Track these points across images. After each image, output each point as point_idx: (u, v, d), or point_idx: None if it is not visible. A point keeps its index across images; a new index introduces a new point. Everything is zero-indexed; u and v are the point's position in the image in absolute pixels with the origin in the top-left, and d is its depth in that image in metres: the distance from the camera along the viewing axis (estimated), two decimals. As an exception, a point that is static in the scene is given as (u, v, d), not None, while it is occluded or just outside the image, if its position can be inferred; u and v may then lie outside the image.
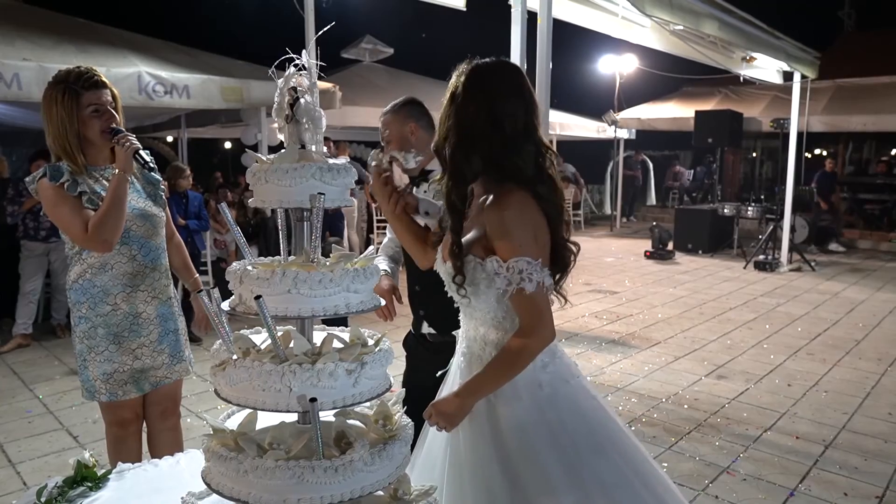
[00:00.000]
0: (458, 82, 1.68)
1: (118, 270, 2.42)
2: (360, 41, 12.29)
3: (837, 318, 7.06)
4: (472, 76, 1.68)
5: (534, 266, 1.58)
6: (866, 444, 3.92)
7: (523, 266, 1.57)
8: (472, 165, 1.65)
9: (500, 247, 1.60)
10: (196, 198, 6.26)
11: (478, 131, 1.64)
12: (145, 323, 2.48)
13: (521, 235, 1.60)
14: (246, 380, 1.35)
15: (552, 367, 1.72)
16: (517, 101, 1.68)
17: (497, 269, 1.59)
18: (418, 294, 2.50)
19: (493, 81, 1.70)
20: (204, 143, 17.91)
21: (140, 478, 1.93)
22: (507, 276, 1.58)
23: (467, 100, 1.66)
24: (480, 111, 1.65)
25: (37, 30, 5.88)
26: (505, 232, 1.59)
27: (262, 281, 1.37)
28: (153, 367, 2.50)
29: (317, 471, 1.29)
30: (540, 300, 1.60)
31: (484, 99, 1.66)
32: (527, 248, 1.59)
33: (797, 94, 10.14)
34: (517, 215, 1.60)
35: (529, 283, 1.57)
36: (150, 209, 2.52)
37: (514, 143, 1.65)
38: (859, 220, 13.56)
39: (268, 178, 1.44)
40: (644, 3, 5.92)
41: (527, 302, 1.59)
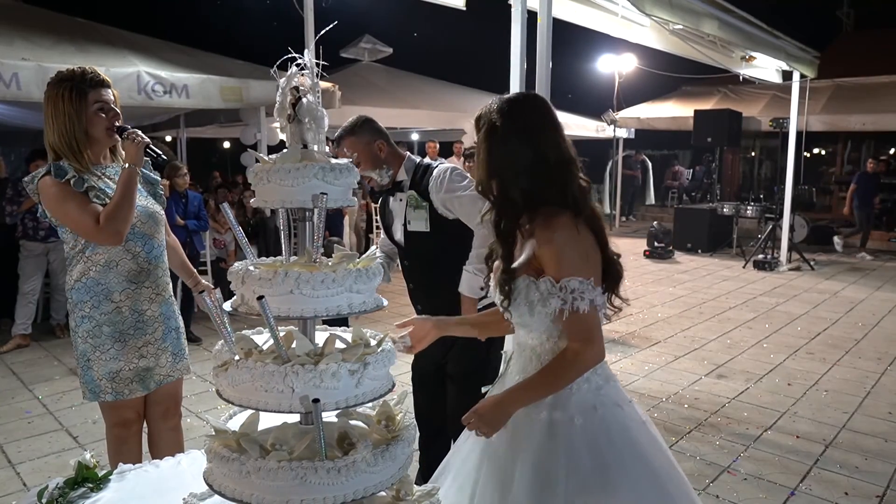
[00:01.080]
0: (493, 119, 1.72)
1: (123, 268, 2.42)
2: (359, 41, 12.29)
3: (837, 318, 7.06)
4: (509, 114, 1.72)
5: (586, 285, 1.61)
6: (867, 444, 3.92)
7: (575, 285, 1.60)
8: (522, 198, 1.69)
9: (551, 268, 1.63)
10: (195, 198, 6.25)
11: (523, 166, 1.69)
12: (150, 321, 2.48)
13: (572, 256, 1.63)
14: (248, 380, 1.35)
15: (606, 390, 1.74)
16: (554, 132, 1.74)
17: (550, 290, 1.62)
18: (413, 291, 2.80)
19: (530, 117, 1.75)
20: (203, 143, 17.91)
21: (141, 479, 1.93)
22: (561, 295, 1.61)
23: (508, 137, 1.71)
24: (524, 147, 1.70)
25: (35, 29, 5.88)
26: (556, 253, 1.63)
27: (265, 281, 1.37)
28: (157, 365, 2.50)
29: (319, 472, 1.28)
30: (591, 319, 1.63)
31: (525, 135, 1.71)
32: (578, 267, 1.63)
33: (796, 93, 10.15)
34: (567, 236, 1.64)
35: (582, 301, 1.60)
36: (152, 207, 2.54)
37: (558, 171, 1.70)
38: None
39: (270, 177, 1.43)
40: (644, 3, 5.91)
41: (579, 321, 1.62)
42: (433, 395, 2.91)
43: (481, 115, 1.77)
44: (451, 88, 12.85)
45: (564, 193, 1.69)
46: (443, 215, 2.64)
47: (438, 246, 2.67)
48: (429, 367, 2.87)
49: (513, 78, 4.92)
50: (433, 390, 2.91)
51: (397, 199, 2.74)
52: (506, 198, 1.71)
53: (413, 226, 2.66)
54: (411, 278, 2.78)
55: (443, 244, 2.66)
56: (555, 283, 1.62)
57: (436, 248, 2.68)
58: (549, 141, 1.71)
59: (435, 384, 2.90)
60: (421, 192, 2.67)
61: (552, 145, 1.71)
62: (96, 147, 2.43)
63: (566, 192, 1.69)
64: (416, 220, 2.65)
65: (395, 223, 2.78)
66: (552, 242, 1.63)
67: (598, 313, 1.65)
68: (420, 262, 2.73)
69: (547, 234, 1.64)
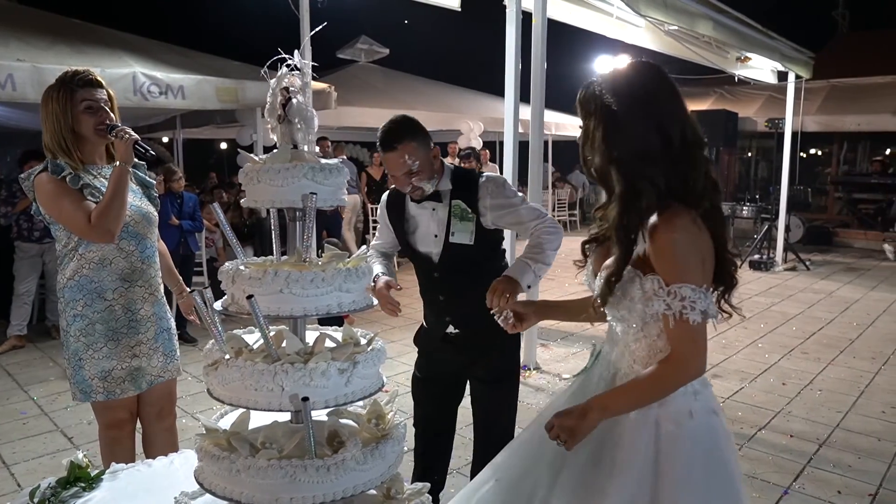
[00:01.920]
0: (605, 100, 1.51)
1: (116, 266, 2.44)
2: (355, 41, 12.30)
3: (832, 318, 7.08)
4: (624, 86, 1.51)
5: (698, 294, 1.46)
6: (860, 443, 3.94)
7: (687, 293, 1.45)
8: (652, 189, 1.49)
9: (663, 269, 1.49)
10: (191, 198, 6.25)
11: (650, 151, 1.49)
12: (143, 320, 2.50)
13: (689, 261, 1.48)
14: (238, 379, 1.35)
15: (702, 395, 1.61)
16: (678, 105, 1.53)
17: (657, 291, 1.49)
18: (442, 303, 2.52)
19: (649, 87, 1.52)
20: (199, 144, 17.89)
21: (133, 478, 1.94)
22: (668, 300, 1.47)
23: (629, 116, 1.49)
24: (648, 127, 1.49)
25: (31, 30, 5.87)
26: (672, 256, 1.48)
27: (255, 280, 1.37)
28: (150, 365, 2.51)
29: (309, 470, 1.29)
30: (700, 330, 1.48)
31: (647, 111, 1.50)
32: (693, 274, 1.48)
33: (791, 94, 10.17)
34: (687, 240, 1.48)
35: (693, 311, 1.45)
36: (146, 207, 2.57)
37: (685, 155, 1.51)
38: (853, 220, 13.62)
39: (260, 178, 1.44)
40: (638, 4, 5.93)
41: (686, 331, 1.47)
42: (444, 402, 2.70)
43: (588, 97, 1.55)
44: (448, 89, 12.87)
45: (687, 183, 1.50)
46: (486, 227, 2.46)
47: (480, 257, 2.50)
48: (446, 375, 2.64)
49: (507, 78, 4.94)
50: (447, 397, 2.70)
51: (426, 208, 2.48)
52: (633, 190, 1.50)
53: (456, 237, 2.44)
54: (442, 290, 2.53)
55: (484, 255, 2.51)
56: (664, 286, 1.48)
57: (476, 259, 2.49)
58: (674, 116, 1.51)
59: (450, 391, 2.70)
60: (469, 203, 2.43)
61: (677, 121, 1.50)
62: (88, 146, 2.44)
63: (689, 181, 1.50)
64: (462, 233, 2.44)
65: (420, 232, 2.52)
66: (671, 244, 1.47)
67: (706, 324, 1.49)
68: (458, 274, 2.48)
69: (667, 233, 1.47)
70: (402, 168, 2.30)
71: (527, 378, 5.11)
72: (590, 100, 1.54)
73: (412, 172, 2.31)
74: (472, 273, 2.45)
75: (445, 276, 2.50)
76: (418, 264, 2.58)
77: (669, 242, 1.47)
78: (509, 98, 4.94)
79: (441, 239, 2.46)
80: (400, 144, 2.28)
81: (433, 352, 2.60)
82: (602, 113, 1.51)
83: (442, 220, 2.45)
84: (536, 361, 5.37)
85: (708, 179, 1.52)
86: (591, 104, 1.53)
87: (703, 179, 1.51)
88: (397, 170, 2.31)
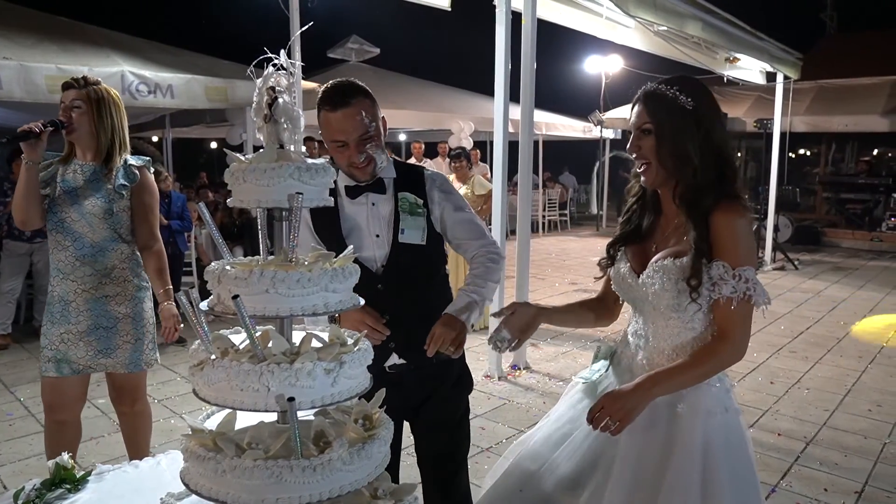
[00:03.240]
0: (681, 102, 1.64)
1: (55, 256, 2.65)
2: (346, 41, 12.30)
3: (819, 317, 7.14)
4: (699, 92, 1.67)
5: (755, 275, 1.59)
6: (847, 441, 3.97)
7: (750, 275, 1.57)
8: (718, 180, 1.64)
9: (728, 253, 1.58)
10: (179, 198, 6.23)
11: (725, 153, 1.67)
12: (74, 312, 2.64)
13: (749, 245, 1.61)
14: (224, 380, 1.35)
15: (732, 393, 1.71)
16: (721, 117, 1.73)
17: (723, 275, 1.57)
18: (388, 324, 1.94)
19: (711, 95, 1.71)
20: (189, 143, 17.82)
21: (120, 479, 1.92)
22: (734, 283, 1.56)
23: (710, 114, 1.66)
24: (721, 124, 1.69)
25: (18, 28, 5.82)
26: (736, 240, 1.58)
27: (240, 280, 1.37)
28: (76, 354, 2.65)
29: (295, 470, 1.29)
30: (751, 313, 1.60)
31: (717, 111, 1.70)
32: (752, 258, 1.61)
33: (780, 94, 10.25)
34: (746, 225, 1.60)
35: (755, 292, 1.56)
36: (96, 210, 2.62)
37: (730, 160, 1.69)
38: (841, 220, 13.73)
39: (246, 177, 1.43)
40: (628, 4, 5.96)
41: (746, 313, 1.58)
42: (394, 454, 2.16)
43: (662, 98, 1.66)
44: (438, 89, 12.89)
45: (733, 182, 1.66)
46: (434, 226, 2.09)
47: (430, 261, 2.12)
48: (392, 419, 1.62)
49: (497, 78, 4.95)
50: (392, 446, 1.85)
51: (362, 203, 2.05)
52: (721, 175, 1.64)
53: (407, 236, 2.02)
54: (387, 307, 1.97)
55: (435, 259, 2.15)
56: (730, 269, 1.56)
57: (427, 265, 2.11)
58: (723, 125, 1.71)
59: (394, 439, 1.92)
60: (417, 195, 2.07)
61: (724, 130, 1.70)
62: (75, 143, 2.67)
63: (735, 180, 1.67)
64: (413, 230, 2.03)
65: (357, 234, 2.05)
66: (735, 227, 1.58)
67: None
68: (406, 284, 2.04)
69: (730, 217, 1.59)
70: (356, 129, 1.91)
71: (517, 377, 5.12)
72: (664, 103, 1.65)
73: (368, 136, 1.93)
74: (422, 282, 2.08)
75: (391, 288, 2.02)
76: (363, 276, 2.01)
77: (735, 226, 1.58)
78: (499, 98, 4.95)
79: (386, 239, 2.03)
80: (354, 100, 1.91)
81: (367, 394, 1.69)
82: (683, 113, 1.63)
83: (385, 216, 2.04)
84: (526, 361, 5.38)
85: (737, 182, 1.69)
86: (667, 106, 1.65)
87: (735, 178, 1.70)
88: (351, 132, 1.91)
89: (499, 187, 5.05)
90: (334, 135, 1.94)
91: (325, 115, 1.94)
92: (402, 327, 1.98)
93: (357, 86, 1.95)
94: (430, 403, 2.11)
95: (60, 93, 2.63)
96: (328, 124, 1.94)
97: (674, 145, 1.64)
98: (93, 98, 2.60)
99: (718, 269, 1.58)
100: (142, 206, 2.72)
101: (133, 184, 2.69)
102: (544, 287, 8.40)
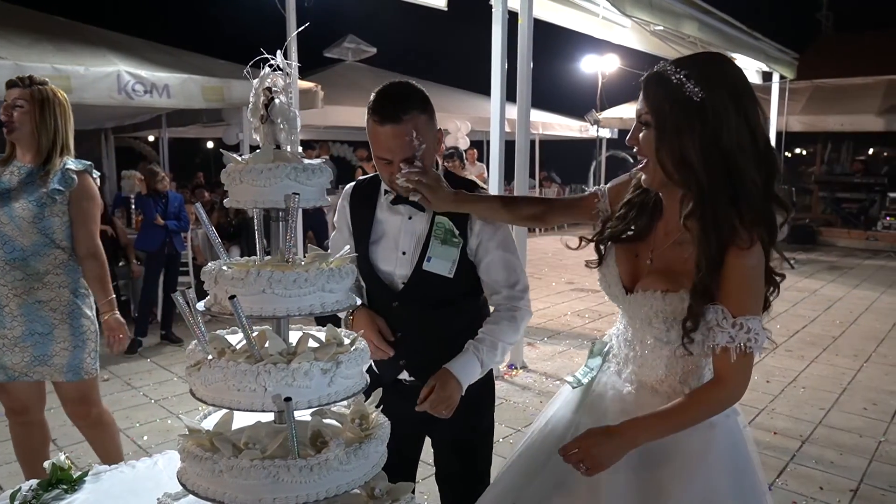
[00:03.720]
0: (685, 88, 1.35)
1: None
2: (342, 40, 12.30)
3: (815, 316, 7.16)
4: (715, 78, 1.36)
5: (759, 325, 1.39)
6: (842, 439, 3.99)
7: (754, 325, 1.38)
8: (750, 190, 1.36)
9: (731, 299, 1.38)
10: (176, 198, 6.22)
11: (748, 149, 1.36)
12: (8, 316, 2.59)
13: (757, 293, 1.40)
14: (221, 380, 1.35)
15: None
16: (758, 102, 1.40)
17: (720, 322, 1.38)
18: (398, 341, 1.90)
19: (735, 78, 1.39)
20: (186, 143, 17.79)
21: (116, 479, 1.92)
22: (732, 332, 1.37)
23: (723, 106, 1.34)
24: (741, 121, 1.35)
25: (13, 28, 5.81)
26: (745, 286, 1.38)
27: (237, 281, 1.37)
28: (11, 360, 2.60)
29: (292, 470, 1.29)
30: (752, 359, 1.42)
31: (738, 103, 1.36)
32: (758, 306, 1.41)
33: (776, 94, 10.28)
34: (760, 269, 1.39)
35: (756, 344, 1.38)
36: (25, 213, 2.56)
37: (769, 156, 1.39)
38: (836, 219, 13.78)
39: (242, 178, 1.43)
40: (624, 4, 5.97)
41: (746, 362, 1.41)
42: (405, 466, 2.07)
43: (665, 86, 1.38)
44: (435, 88, 12.85)
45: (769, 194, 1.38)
46: (469, 257, 1.90)
47: (457, 293, 1.91)
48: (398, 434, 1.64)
49: (494, 78, 4.95)
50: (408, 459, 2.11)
51: (401, 212, 1.90)
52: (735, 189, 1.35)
53: (433, 265, 1.85)
54: (400, 325, 1.91)
55: (462, 291, 1.93)
56: (729, 317, 1.38)
57: (451, 296, 1.91)
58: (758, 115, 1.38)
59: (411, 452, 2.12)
60: (457, 223, 1.87)
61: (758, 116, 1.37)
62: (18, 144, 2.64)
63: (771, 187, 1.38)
64: (441, 260, 1.85)
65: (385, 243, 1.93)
66: (746, 272, 1.36)
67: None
68: (425, 309, 1.90)
69: (743, 260, 1.35)
70: (404, 151, 1.74)
71: (514, 377, 5.13)
72: (667, 91, 1.38)
73: (414, 158, 1.75)
74: (444, 310, 1.90)
75: (408, 308, 1.90)
76: (371, 287, 1.96)
77: (746, 272, 1.37)
78: (495, 98, 4.96)
79: (410, 259, 1.88)
80: (407, 116, 1.72)
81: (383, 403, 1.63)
82: (688, 105, 1.35)
83: (418, 235, 1.88)
84: (523, 360, 5.39)
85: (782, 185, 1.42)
86: (671, 95, 1.38)
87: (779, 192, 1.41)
88: (397, 152, 1.74)
89: (495, 187, 5.06)
90: (380, 150, 1.78)
91: (372, 124, 1.77)
92: (413, 347, 1.91)
93: (413, 96, 1.77)
94: (445, 422, 1.83)
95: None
96: (375, 136, 1.78)
97: (671, 145, 1.39)
98: (36, 98, 2.55)
99: (716, 314, 1.40)
100: (80, 212, 2.62)
101: (69, 189, 2.58)
102: (541, 286, 8.41)
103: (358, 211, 1.98)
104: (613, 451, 1.42)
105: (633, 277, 1.59)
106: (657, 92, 1.41)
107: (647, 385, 1.58)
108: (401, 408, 1.68)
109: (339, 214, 2.05)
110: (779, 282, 1.50)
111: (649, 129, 1.43)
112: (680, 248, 1.48)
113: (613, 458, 1.42)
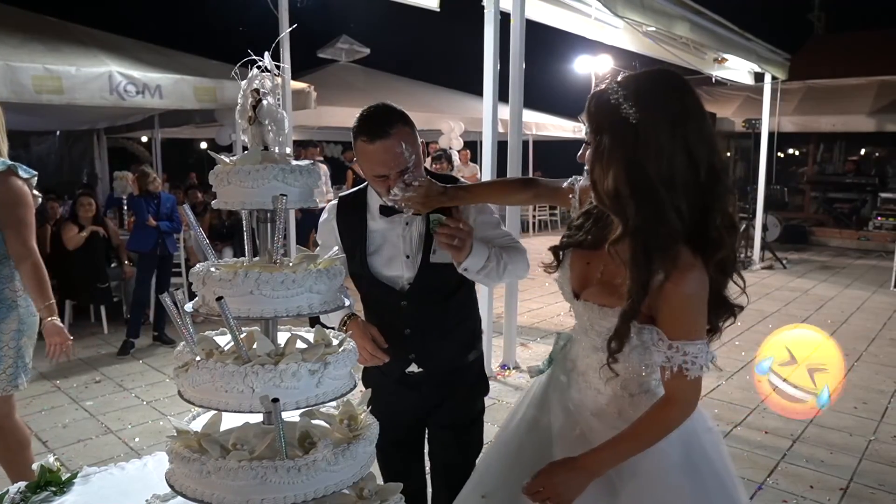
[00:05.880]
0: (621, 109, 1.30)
1: None
2: (336, 41, 12.29)
3: (807, 315, 7.19)
4: (649, 98, 1.30)
5: (700, 348, 1.37)
6: (832, 438, 4.01)
7: (690, 349, 1.36)
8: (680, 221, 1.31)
9: (667, 324, 1.38)
10: (168, 199, 6.20)
11: (676, 176, 1.29)
12: None
13: (696, 319, 1.38)
14: (209, 381, 1.35)
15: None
16: (706, 124, 1.34)
17: (656, 344, 1.39)
18: (407, 338, 2.03)
19: (677, 102, 1.32)
20: (179, 144, 17.73)
21: (106, 481, 1.92)
22: (668, 353, 1.38)
23: (654, 133, 1.28)
24: (676, 148, 1.29)
25: (4, 28, 5.78)
26: (682, 314, 1.37)
27: (225, 282, 1.37)
28: None
29: (280, 471, 1.29)
30: (698, 383, 1.41)
31: (675, 129, 1.29)
32: (697, 329, 1.38)
33: (768, 94, 10.31)
34: (700, 298, 1.36)
35: (694, 366, 1.37)
36: None
37: (711, 185, 1.32)
38: (828, 219, 13.85)
39: (230, 179, 1.44)
40: (616, 5, 5.98)
41: (684, 384, 1.39)
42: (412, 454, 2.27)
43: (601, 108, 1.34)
44: (428, 89, 12.88)
45: (707, 221, 1.33)
46: None
47: (456, 280, 2.02)
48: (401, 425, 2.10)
49: (486, 78, 4.96)
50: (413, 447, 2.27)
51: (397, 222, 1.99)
52: (659, 221, 1.30)
53: (439, 256, 1.96)
54: (409, 323, 2.04)
55: (461, 280, 2.04)
56: (665, 339, 1.38)
57: (454, 283, 2.05)
58: (705, 139, 1.31)
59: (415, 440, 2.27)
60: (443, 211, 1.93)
61: (704, 146, 1.30)
62: None
63: (710, 219, 1.33)
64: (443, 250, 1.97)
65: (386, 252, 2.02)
66: (684, 301, 1.35)
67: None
68: (431, 302, 2.03)
69: (680, 289, 1.33)
70: (397, 163, 1.81)
71: (506, 377, 5.14)
72: (604, 111, 1.34)
73: (407, 170, 1.83)
74: (447, 299, 2.07)
75: (416, 306, 2.02)
76: (376, 292, 2.06)
77: (682, 299, 1.35)
78: (488, 98, 4.96)
79: (415, 260, 2.00)
80: (394, 130, 1.81)
81: (387, 395, 1.90)
82: (620, 128, 1.31)
83: (418, 236, 2.00)
84: (516, 360, 5.40)
85: (726, 217, 1.35)
86: (606, 116, 1.34)
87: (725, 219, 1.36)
88: (392, 166, 1.82)
89: (488, 187, 5.06)
90: (375, 167, 1.86)
91: (361, 145, 1.86)
92: (422, 341, 2.04)
93: (395, 112, 1.88)
94: (445, 406, 2.12)
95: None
96: (366, 155, 1.86)
97: (602, 168, 1.35)
98: None
99: (652, 335, 1.40)
100: (7, 216, 2.52)
101: None
102: (534, 287, 8.41)
103: (348, 224, 2.06)
104: (579, 485, 1.45)
105: (582, 284, 1.60)
106: (596, 111, 1.39)
107: (592, 386, 1.61)
108: (405, 397, 2.01)
109: (323, 230, 2.12)
110: (736, 312, 1.48)
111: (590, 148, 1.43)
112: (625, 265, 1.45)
113: (579, 491, 1.45)
